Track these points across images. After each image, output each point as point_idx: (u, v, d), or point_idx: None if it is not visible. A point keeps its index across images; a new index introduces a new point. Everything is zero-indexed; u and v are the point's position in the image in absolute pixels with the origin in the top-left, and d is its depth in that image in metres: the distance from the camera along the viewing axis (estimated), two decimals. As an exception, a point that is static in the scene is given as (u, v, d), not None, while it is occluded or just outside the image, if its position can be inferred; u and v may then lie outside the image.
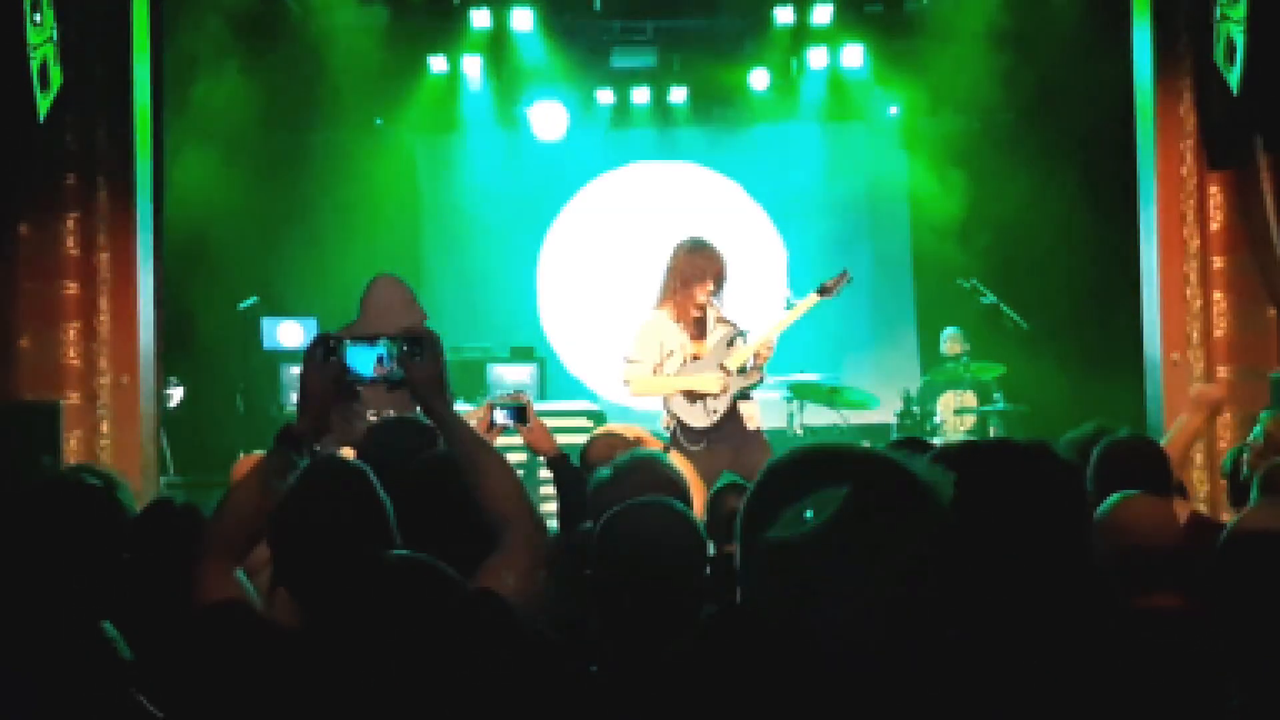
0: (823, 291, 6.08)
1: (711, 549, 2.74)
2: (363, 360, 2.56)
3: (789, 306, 6.27)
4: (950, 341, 9.55)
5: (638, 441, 3.82)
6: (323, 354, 2.55)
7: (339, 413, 5.14)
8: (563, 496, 3.78)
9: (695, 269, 5.85)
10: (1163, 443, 3.58)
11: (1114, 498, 2.90)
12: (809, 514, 1.63)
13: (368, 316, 5.71)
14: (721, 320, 5.98)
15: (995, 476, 1.94)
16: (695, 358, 5.90)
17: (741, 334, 5.99)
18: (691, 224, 7.33)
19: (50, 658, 1.99)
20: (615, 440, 3.84)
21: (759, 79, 10.44)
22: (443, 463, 2.72)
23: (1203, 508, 6.20)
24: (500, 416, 3.89)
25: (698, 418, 5.82)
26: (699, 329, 5.96)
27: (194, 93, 8.63)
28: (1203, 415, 3.52)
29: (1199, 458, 6.70)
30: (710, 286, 5.84)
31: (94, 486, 2.86)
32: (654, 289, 6.02)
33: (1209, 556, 2.23)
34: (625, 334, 6.13)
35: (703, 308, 5.89)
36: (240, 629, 2.25)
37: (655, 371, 5.88)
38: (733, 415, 5.85)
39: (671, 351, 5.89)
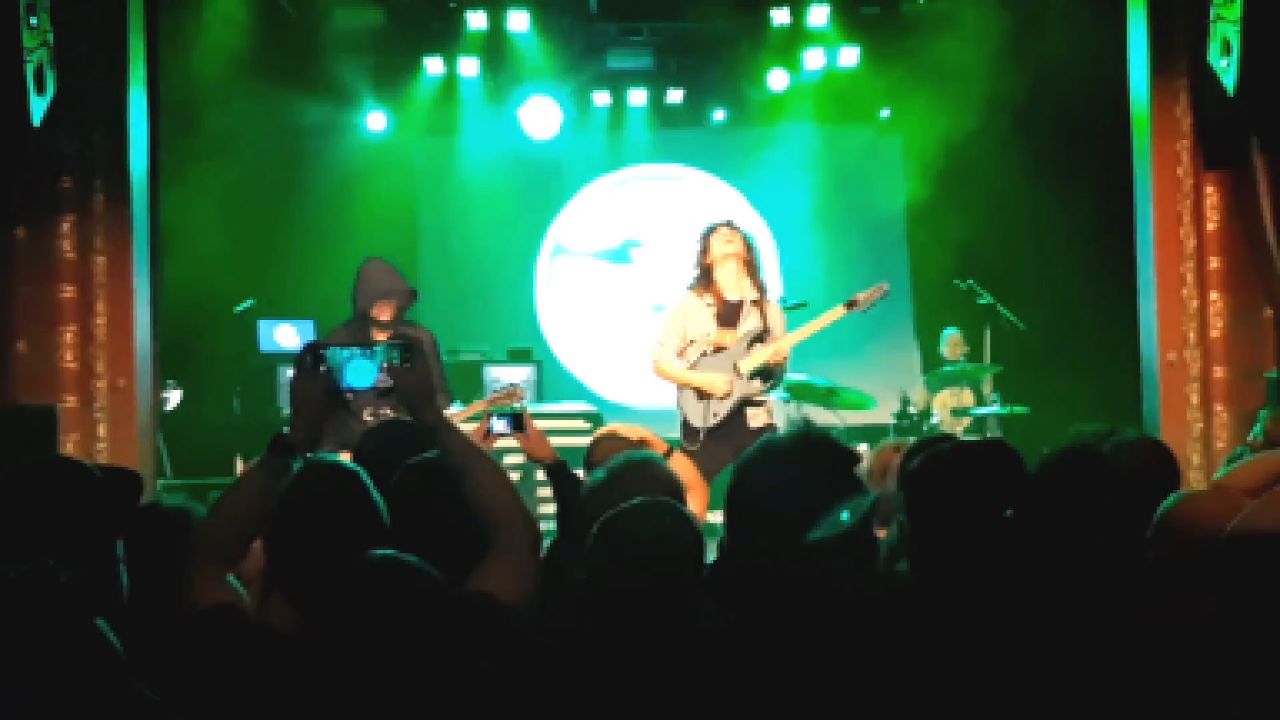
0: (851, 305, 5.88)
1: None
2: (354, 367, 2.55)
3: (781, 306, 6.25)
4: (950, 345, 9.55)
5: (641, 443, 3.78)
6: (312, 362, 2.54)
7: (334, 415, 5.16)
8: (561, 503, 3.76)
9: (710, 247, 5.84)
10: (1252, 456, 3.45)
11: (1173, 496, 2.84)
12: (845, 516, 1.82)
13: (364, 290, 5.86)
14: (756, 304, 5.86)
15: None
16: (718, 348, 5.80)
17: (766, 332, 5.84)
18: (689, 225, 7.30)
19: (46, 649, 1.98)
20: (619, 442, 3.80)
21: (756, 81, 10.44)
22: (437, 466, 2.71)
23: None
24: (498, 425, 3.85)
25: (698, 416, 5.77)
26: (730, 315, 5.84)
27: (189, 96, 8.61)
28: None
29: (1195, 458, 6.71)
30: (731, 239, 5.79)
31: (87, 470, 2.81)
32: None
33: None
34: (624, 334, 6.11)
35: (736, 259, 5.81)
36: (234, 633, 2.25)
37: (679, 355, 5.84)
38: (737, 416, 5.78)
39: (693, 340, 5.82)
